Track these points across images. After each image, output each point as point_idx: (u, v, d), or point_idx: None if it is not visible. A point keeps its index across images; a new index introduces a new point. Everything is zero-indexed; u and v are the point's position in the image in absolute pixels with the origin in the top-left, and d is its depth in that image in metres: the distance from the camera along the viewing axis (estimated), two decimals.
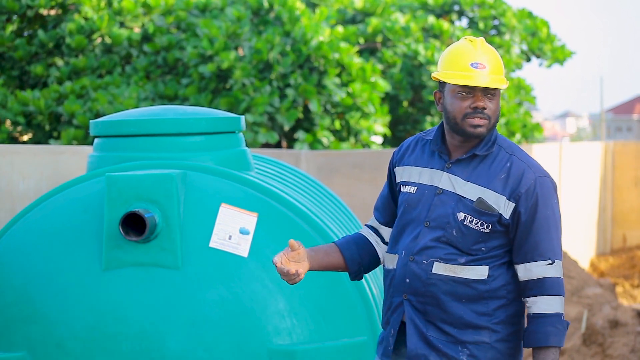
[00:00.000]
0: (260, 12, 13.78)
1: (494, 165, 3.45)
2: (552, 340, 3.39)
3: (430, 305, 3.45)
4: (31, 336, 4.25)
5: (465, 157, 3.47)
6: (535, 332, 3.41)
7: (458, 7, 18.15)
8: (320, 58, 13.12)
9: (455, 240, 3.43)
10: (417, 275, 3.46)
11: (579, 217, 16.50)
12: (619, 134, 74.55)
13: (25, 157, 6.27)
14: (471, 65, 3.41)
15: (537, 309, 3.41)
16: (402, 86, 15.53)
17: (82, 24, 13.35)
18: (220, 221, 4.30)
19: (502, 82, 3.43)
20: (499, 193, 3.42)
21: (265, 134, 12.50)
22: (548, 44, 18.12)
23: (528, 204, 3.41)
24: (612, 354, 8.93)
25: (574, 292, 10.91)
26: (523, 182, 3.42)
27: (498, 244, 3.45)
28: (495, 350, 3.45)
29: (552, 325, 3.39)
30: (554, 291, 3.41)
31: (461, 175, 3.46)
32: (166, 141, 4.60)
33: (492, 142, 3.48)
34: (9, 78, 13.56)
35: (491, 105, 3.42)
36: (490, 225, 3.42)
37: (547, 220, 3.42)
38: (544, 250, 3.41)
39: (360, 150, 11.96)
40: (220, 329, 4.18)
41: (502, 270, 3.46)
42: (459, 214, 3.43)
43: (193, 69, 12.88)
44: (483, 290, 3.43)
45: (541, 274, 3.41)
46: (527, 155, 3.51)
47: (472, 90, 3.41)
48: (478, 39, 3.48)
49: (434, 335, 3.46)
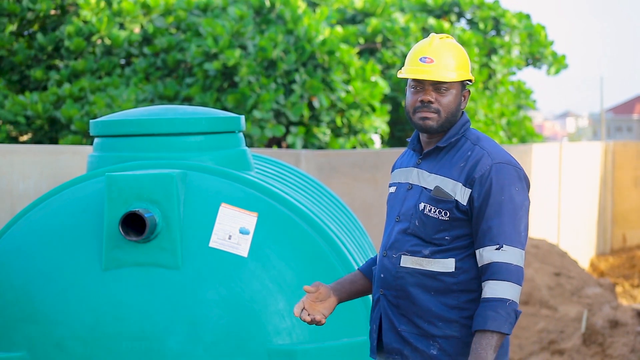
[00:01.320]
0: (262, 11, 13.80)
1: (457, 156, 3.51)
2: (490, 324, 3.32)
3: (401, 299, 3.50)
4: (31, 336, 4.24)
5: (430, 150, 3.55)
6: (477, 315, 3.37)
7: (458, 8, 18.15)
8: (325, 55, 13.16)
9: (418, 230, 3.48)
10: (388, 269, 3.53)
11: (579, 217, 16.50)
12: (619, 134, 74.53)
13: (25, 157, 6.27)
14: (420, 60, 3.50)
15: (483, 294, 3.38)
16: (401, 87, 15.54)
17: (80, 27, 13.35)
18: (220, 221, 4.30)
19: (450, 77, 3.46)
20: (456, 180, 3.46)
21: (271, 128, 12.56)
22: (547, 47, 18.14)
23: (482, 189, 3.43)
24: (612, 354, 8.93)
25: (574, 292, 10.91)
26: (478, 168, 3.45)
27: (462, 234, 3.46)
28: (466, 345, 3.44)
29: (493, 310, 3.33)
30: (501, 276, 3.36)
31: (427, 169, 3.54)
32: (166, 141, 4.60)
33: (459, 134, 3.53)
34: (9, 82, 13.57)
35: (442, 99, 3.49)
36: (447, 212, 3.45)
37: (500, 205, 3.41)
38: (494, 236, 3.40)
39: (360, 150, 11.97)
40: (220, 329, 4.18)
41: (472, 263, 3.46)
42: (420, 204, 3.49)
43: (197, 68, 12.90)
44: (451, 282, 3.45)
45: (489, 259, 3.39)
46: (494, 145, 3.52)
47: (422, 84, 3.50)
48: (438, 35, 3.56)
49: (405, 329, 3.50)
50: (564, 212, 15.89)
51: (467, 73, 3.53)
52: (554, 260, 11.87)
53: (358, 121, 13.63)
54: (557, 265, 11.71)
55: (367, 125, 13.70)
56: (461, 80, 3.51)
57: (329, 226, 4.62)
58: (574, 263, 12.24)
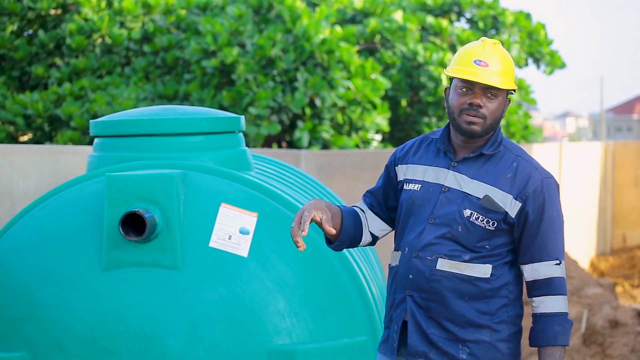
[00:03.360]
0: (260, 11, 13.81)
1: (501, 165, 3.49)
2: (560, 339, 3.43)
3: (433, 302, 3.47)
4: (31, 336, 4.24)
5: (472, 156, 3.50)
6: (543, 330, 3.44)
7: (457, 7, 18.15)
8: (324, 54, 13.16)
9: (460, 236, 3.46)
10: (420, 271, 3.48)
11: (579, 217, 16.49)
12: (619, 134, 74.52)
13: (25, 157, 6.27)
14: (474, 62, 3.45)
15: (545, 309, 3.45)
16: (401, 87, 15.53)
17: (82, 25, 13.35)
18: (220, 221, 4.30)
19: (503, 83, 3.44)
20: (506, 192, 3.45)
21: (267, 126, 12.54)
22: (545, 47, 18.12)
23: (535, 204, 3.46)
24: (612, 354, 8.93)
25: (574, 292, 10.90)
26: (530, 183, 3.46)
27: (502, 243, 3.48)
28: (496, 350, 3.47)
29: (560, 325, 3.43)
30: (560, 291, 3.46)
31: (467, 174, 3.49)
32: (166, 141, 4.60)
33: (499, 142, 3.52)
34: (9, 79, 13.56)
35: (490, 105, 3.45)
36: (495, 222, 3.45)
37: (553, 220, 3.48)
38: (551, 251, 3.47)
39: (360, 150, 11.96)
40: (220, 329, 4.18)
41: (505, 269, 3.49)
42: (465, 210, 3.46)
43: (195, 65, 12.91)
44: (486, 288, 3.46)
45: (549, 274, 3.46)
46: (531, 158, 3.55)
47: (472, 87, 3.45)
48: (490, 41, 3.52)
49: (434, 332, 3.47)
50: (564, 212, 15.88)
51: (513, 81, 3.51)
52: None
53: (359, 118, 13.62)
54: None
55: (368, 122, 13.70)
56: (509, 88, 3.48)
57: None
58: (574, 263, 12.24)
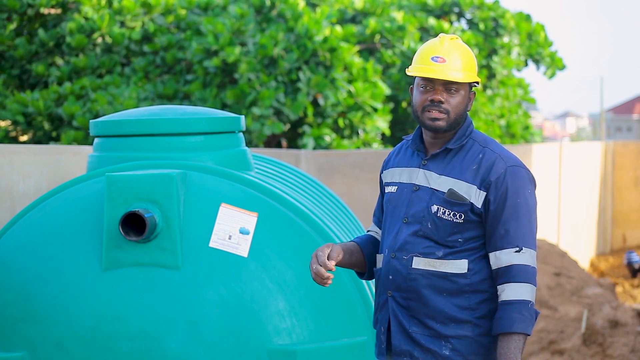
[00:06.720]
0: (262, 10, 13.81)
1: (467, 158, 3.51)
2: (517, 326, 3.37)
3: (412, 301, 3.50)
4: (31, 336, 4.24)
5: (438, 152, 3.54)
6: (500, 318, 3.41)
7: (457, 8, 18.14)
8: (326, 52, 13.16)
9: (431, 232, 3.48)
10: (398, 271, 3.52)
11: (579, 217, 16.50)
12: (619, 134, 74.51)
13: (25, 157, 6.27)
14: (431, 59, 3.49)
15: (505, 296, 3.42)
16: (401, 86, 15.54)
17: (82, 24, 13.35)
18: (220, 221, 4.30)
19: (463, 77, 3.47)
20: (470, 183, 3.47)
21: (270, 125, 12.55)
22: (545, 49, 18.13)
23: (498, 192, 3.45)
24: (612, 354, 8.93)
25: (574, 292, 10.90)
26: (493, 171, 3.47)
27: (474, 236, 3.49)
28: (479, 344, 3.47)
29: (518, 312, 3.39)
30: (521, 278, 3.42)
31: (436, 170, 3.53)
32: (166, 141, 4.60)
33: (466, 136, 3.54)
34: (9, 77, 13.55)
35: (452, 100, 3.49)
36: (462, 215, 3.47)
37: (516, 208, 3.45)
38: (512, 238, 3.44)
39: (360, 150, 11.96)
40: (220, 329, 4.18)
41: (483, 264, 3.49)
42: (432, 206, 3.49)
43: (197, 65, 12.91)
44: (464, 284, 3.47)
45: (509, 262, 3.43)
46: (502, 148, 3.55)
47: (432, 83, 3.48)
48: (448, 36, 3.56)
49: (416, 330, 3.50)
50: (564, 212, 15.89)
51: (475, 74, 3.54)
52: (554, 260, 11.87)
53: (360, 122, 13.63)
54: (557, 265, 11.70)
55: (369, 125, 13.70)
56: (470, 81, 3.51)
57: (329, 226, 4.62)
58: (574, 263, 12.24)
